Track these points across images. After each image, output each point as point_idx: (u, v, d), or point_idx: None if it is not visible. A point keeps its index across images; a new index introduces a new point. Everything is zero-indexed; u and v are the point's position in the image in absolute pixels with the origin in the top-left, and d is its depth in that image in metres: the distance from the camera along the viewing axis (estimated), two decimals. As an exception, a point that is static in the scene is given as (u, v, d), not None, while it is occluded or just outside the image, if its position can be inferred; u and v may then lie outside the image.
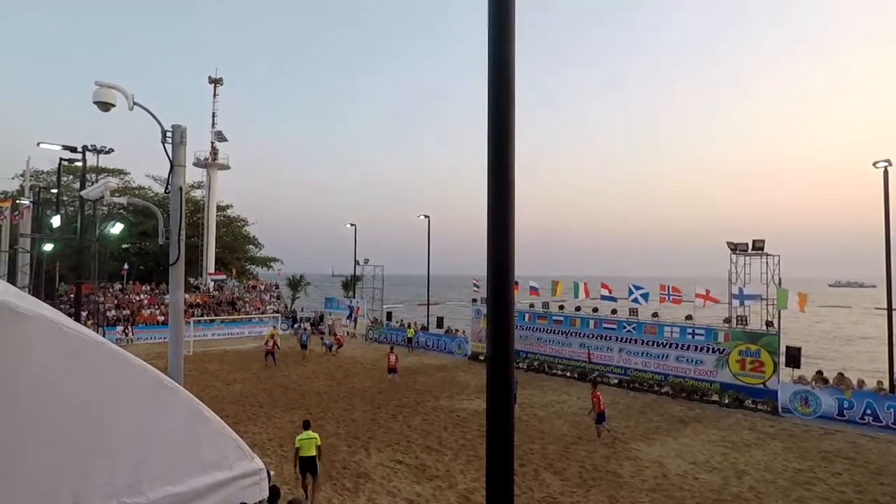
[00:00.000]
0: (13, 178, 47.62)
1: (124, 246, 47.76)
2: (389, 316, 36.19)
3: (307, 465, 10.32)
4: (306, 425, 11.03)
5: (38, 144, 21.50)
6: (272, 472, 7.32)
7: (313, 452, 10.40)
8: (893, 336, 18.19)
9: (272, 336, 27.24)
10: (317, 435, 10.75)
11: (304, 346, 28.57)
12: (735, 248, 20.55)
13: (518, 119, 3.15)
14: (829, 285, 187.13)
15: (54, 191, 30.33)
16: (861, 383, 17.37)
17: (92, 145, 25.13)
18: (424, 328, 33.35)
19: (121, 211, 47.33)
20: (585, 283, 24.78)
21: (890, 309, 18.54)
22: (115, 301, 35.71)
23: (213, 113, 46.90)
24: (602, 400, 14.92)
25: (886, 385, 17.27)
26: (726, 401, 18.70)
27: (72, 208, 42.73)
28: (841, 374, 17.99)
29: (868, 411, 16.03)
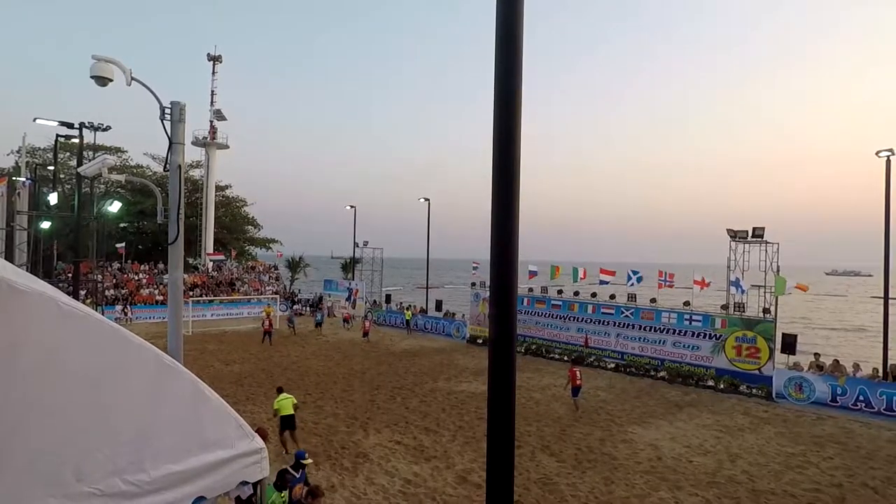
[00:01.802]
0: (9, 154, 47.27)
1: (122, 225, 47.59)
2: (388, 298, 36.31)
3: (287, 423, 11.82)
4: (280, 390, 12.61)
5: (35, 120, 21.24)
6: (310, 459, 7.43)
7: (291, 411, 11.89)
8: (888, 324, 18.34)
9: (268, 315, 27.58)
10: (291, 396, 12.31)
11: (290, 324, 30.36)
12: (735, 235, 20.55)
13: (525, 103, 3.09)
14: (827, 273, 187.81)
15: (51, 168, 30.08)
16: (857, 367, 17.56)
17: (89, 122, 24.84)
18: (423, 311, 33.48)
19: (118, 189, 47.08)
20: (584, 270, 24.84)
21: (886, 297, 18.63)
22: (114, 280, 35.72)
23: (212, 91, 46.35)
24: (578, 376, 15.99)
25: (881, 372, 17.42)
26: (722, 386, 18.88)
27: (69, 186, 42.46)
28: (836, 361, 18.16)
29: (861, 398, 16.20)
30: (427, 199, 37.33)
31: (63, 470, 3.01)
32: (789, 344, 18.62)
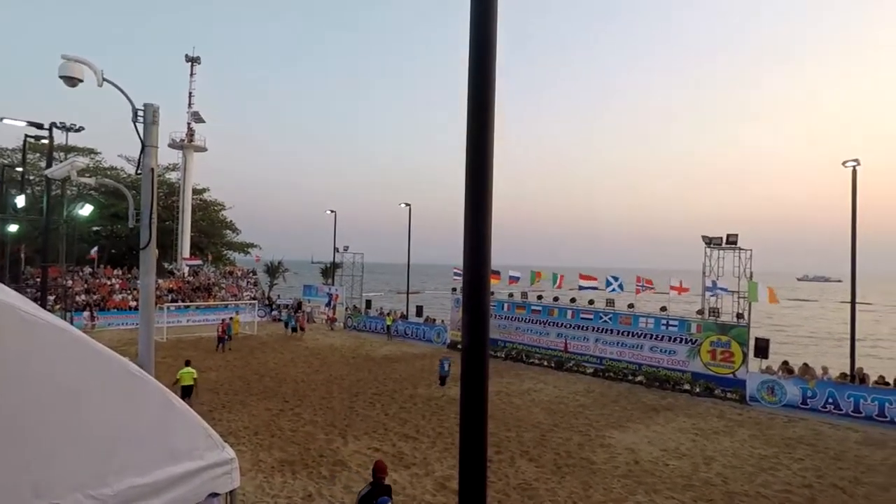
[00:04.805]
0: (-25, 156, 45.68)
1: (95, 228, 46.38)
2: (369, 304, 36.05)
3: (185, 392, 14.11)
4: (187, 363, 15.44)
5: (1, 120, 20.61)
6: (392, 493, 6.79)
7: (191, 383, 14.61)
8: (855, 328, 18.93)
9: (224, 322, 27.27)
10: (194, 370, 15.01)
11: (290, 329, 31.39)
12: (710, 242, 20.99)
13: (503, 106, 3.11)
14: (798, 279, 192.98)
15: (19, 169, 29.19)
16: (825, 370, 18.06)
17: (60, 122, 24.22)
18: (404, 316, 33.34)
19: (91, 192, 45.88)
20: (562, 276, 25.12)
21: (853, 302, 19.22)
22: (85, 285, 34.75)
23: (190, 93, 45.64)
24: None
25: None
26: (697, 390, 19.20)
27: (38, 188, 41.25)
28: (806, 365, 18.63)
29: (830, 400, 16.65)
30: (408, 205, 37.26)
31: (20, 484, 2.89)
32: (762, 348, 19.03)
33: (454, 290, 29.34)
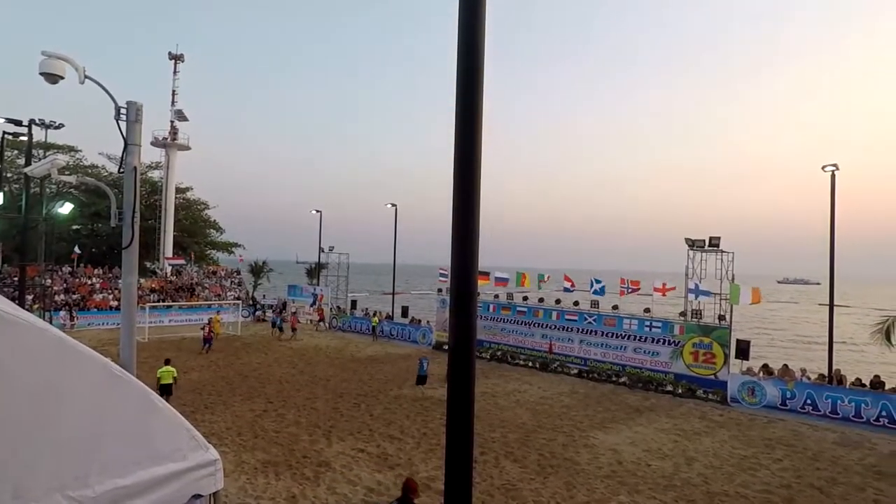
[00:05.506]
0: (-50, 151, 44.51)
1: (75, 227, 45.49)
2: (354, 304, 35.88)
3: (164, 391, 14.24)
4: (167, 361, 15.66)
5: (-21, 116, 20.14)
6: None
7: (170, 381, 14.95)
8: (833, 330, 19.38)
9: (209, 322, 26.96)
10: (174, 369, 15.32)
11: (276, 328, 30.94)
12: (693, 244, 21.31)
13: (492, 109, 3.14)
14: (778, 282, 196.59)
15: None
16: (803, 372, 18.45)
17: (40, 119, 23.74)
18: (389, 317, 33.25)
19: (71, 190, 45.04)
20: (548, 276, 25.34)
21: (832, 304, 19.67)
22: (65, 285, 34.06)
23: (174, 91, 44.97)
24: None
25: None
26: (679, 391, 19.45)
27: (17, 186, 40.39)
28: (785, 366, 19.01)
29: (808, 401, 16.99)
30: (394, 205, 37.18)
31: (0, 486, 2.84)
32: (743, 350, 19.36)
33: (440, 290, 29.34)
